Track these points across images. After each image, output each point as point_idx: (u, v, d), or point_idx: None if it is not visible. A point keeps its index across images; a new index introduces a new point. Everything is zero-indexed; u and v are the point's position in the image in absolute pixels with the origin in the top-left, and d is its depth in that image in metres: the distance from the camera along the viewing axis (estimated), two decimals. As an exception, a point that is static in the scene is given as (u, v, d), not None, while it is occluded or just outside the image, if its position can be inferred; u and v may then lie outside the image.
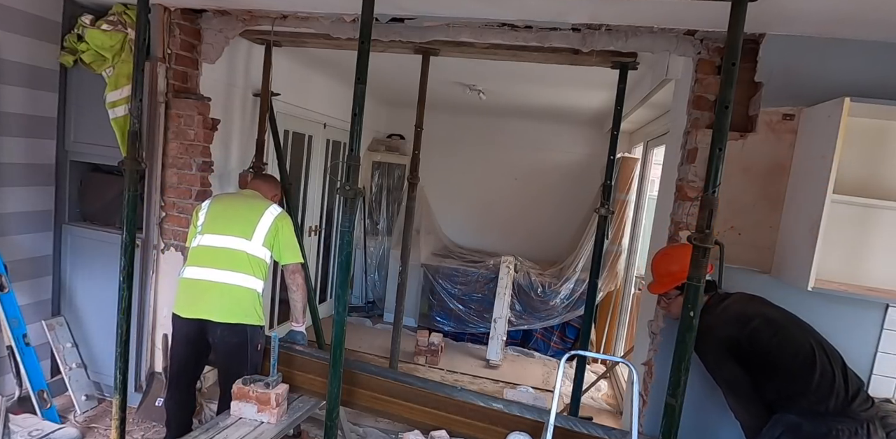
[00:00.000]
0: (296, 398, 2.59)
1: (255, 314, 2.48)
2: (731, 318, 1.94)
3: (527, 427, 2.34)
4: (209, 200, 2.60)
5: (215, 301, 2.43)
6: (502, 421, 2.41)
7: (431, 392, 2.50)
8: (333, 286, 5.48)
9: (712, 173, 1.62)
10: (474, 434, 2.45)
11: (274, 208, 2.56)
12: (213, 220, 2.49)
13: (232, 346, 2.46)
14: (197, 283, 2.45)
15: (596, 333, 4.90)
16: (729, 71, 1.61)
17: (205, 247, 2.47)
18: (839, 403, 1.77)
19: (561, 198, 5.84)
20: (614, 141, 3.23)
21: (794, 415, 1.80)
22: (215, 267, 2.44)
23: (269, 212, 2.52)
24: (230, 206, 2.56)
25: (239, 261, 2.44)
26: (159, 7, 2.79)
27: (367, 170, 6.00)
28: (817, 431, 1.76)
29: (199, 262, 2.47)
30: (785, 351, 1.85)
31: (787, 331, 1.89)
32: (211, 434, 2.23)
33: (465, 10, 2.43)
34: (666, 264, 2.15)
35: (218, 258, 2.45)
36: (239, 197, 2.68)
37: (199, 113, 2.99)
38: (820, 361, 1.82)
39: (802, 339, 1.88)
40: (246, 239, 2.45)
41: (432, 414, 2.51)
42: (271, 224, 2.50)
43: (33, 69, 2.87)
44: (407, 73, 3.62)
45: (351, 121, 1.99)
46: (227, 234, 2.47)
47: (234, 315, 2.43)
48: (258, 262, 2.48)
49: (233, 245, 2.45)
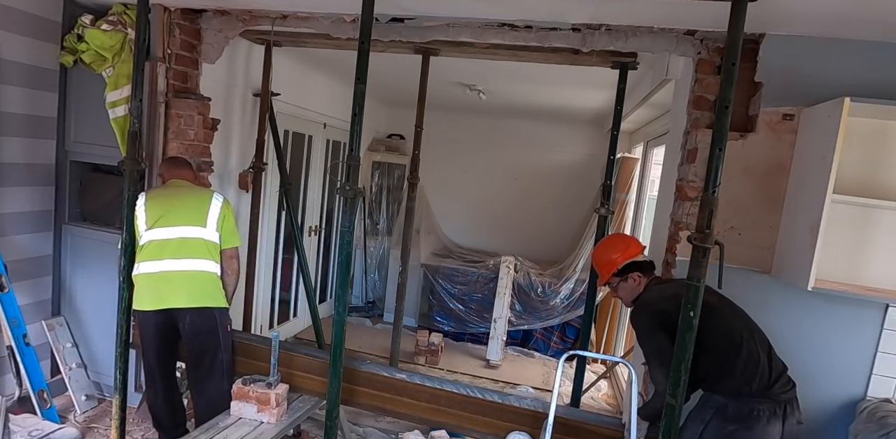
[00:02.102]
0: (296, 398, 2.59)
1: (220, 297, 2.54)
2: (668, 296, 1.98)
3: (527, 418, 2.34)
4: (143, 199, 2.54)
5: (182, 288, 2.46)
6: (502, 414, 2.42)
7: (431, 387, 2.50)
8: (333, 286, 5.48)
9: (712, 173, 1.62)
10: (475, 427, 2.45)
11: (217, 195, 2.63)
12: (159, 215, 2.50)
13: (204, 330, 2.50)
14: (160, 276, 2.46)
15: (596, 333, 4.90)
16: (729, 71, 1.61)
17: (159, 240, 2.48)
18: (762, 385, 1.84)
19: (561, 198, 5.84)
20: (614, 141, 3.23)
21: (721, 396, 1.88)
22: (175, 257, 2.46)
23: (216, 199, 2.59)
24: (173, 199, 2.58)
25: (197, 247, 2.50)
26: (159, 7, 2.79)
27: (367, 170, 6.00)
28: (741, 411, 1.83)
29: (156, 256, 2.47)
30: (715, 332, 1.88)
31: (718, 314, 1.93)
32: (211, 434, 2.23)
33: (465, 10, 2.43)
34: (607, 254, 2.19)
35: (176, 248, 2.48)
36: (175, 189, 2.66)
37: (199, 113, 2.99)
38: (746, 344, 1.87)
39: (732, 323, 1.93)
40: (201, 226, 2.52)
41: (433, 409, 2.51)
42: (220, 210, 2.57)
43: (33, 69, 2.87)
44: (407, 73, 3.62)
45: (351, 121, 1.99)
46: (181, 225, 2.50)
47: (202, 299, 2.48)
48: (214, 247, 2.55)
49: (189, 234, 2.50)
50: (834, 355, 2.22)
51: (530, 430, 2.19)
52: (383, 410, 2.61)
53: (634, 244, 2.21)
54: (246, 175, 3.50)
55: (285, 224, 4.32)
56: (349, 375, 2.50)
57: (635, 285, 2.13)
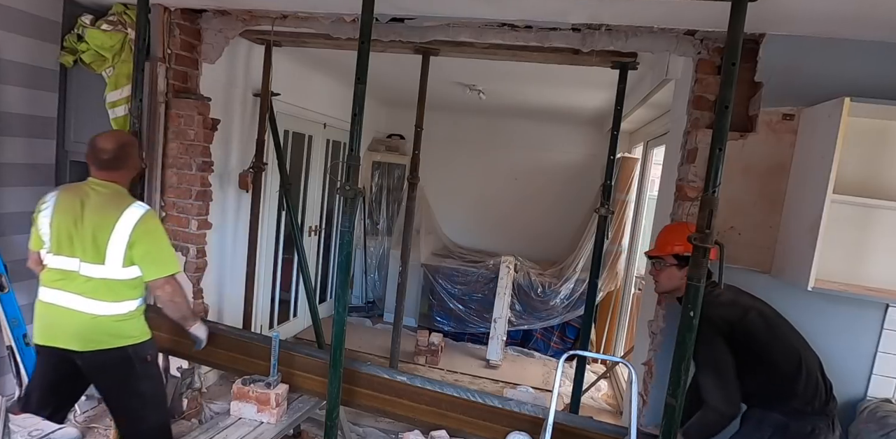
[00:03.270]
0: (296, 398, 2.59)
1: (131, 333, 2.09)
2: (726, 302, 1.94)
3: (526, 423, 2.34)
4: (53, 196, 2.07)
5: (72, 330, 2.02)
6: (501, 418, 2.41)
7: (432, 390, 2.50)
8: (333, 286, 5.48)
9: (712, 173, 1.62)
10: (474, 431, 2.45)
11: (131, 213, 2.00)
12: (57, 235, 2.01)
13: (109, 371, 2.08)
14: (49, 308, 2.05)
15: (596, 333, 4.90)
16: (729, 71, 1.61)
17: (54, 269, 2.04)
18: (821, 403, 1.85)
19: (561, 198, 5.84)
20: (614, 141, 3.23)
21: (780, 414, 1.85)
22: (74, 292, 2.01)
23: (124, 223, 1.98)
24: (76, 215, 2.00)
25: (95, 288, 2.01)
26: (159, 7, 2.79)
27: (367, 170, 6.00)
28: (802, 430, 1.83)
29: (50, 283, 2.05)
30: (775, 347, 1.87)
31: (779, 329, 1.92)
32: (211, 434, 2.23)
33: (465, 10, 2.43)
34: (673, 237, 2.09)
35: (70, 282, 2.02)
36: (87, 197, 2.03)
37: (199, 113, 2.99)
38: (805, 364, 1.86)
39: (792, 339, 1.92)
40: (98, 264, 1.99)
41: (434, 412, 2.51)
42: (129, 238, 1.98)
43: (33, 69, 2.87)
44: (407, 73, 3.62)
45: (351, 121, 1.99)
46: (75, 257, 2.01)
47: (102, 341, 2.03)
48: (124, 284, 2.04)
49: (85, 271, 2.00)
50: (834, 355, 2.21)
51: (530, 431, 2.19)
52: (383, 412, 2.60)
53: None
54: (246, 175, 3.50)
55: (285, 224, 4.32)
56: (349, 376, 2.50)
57: (679, 277, 2.02)
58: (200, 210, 3.10)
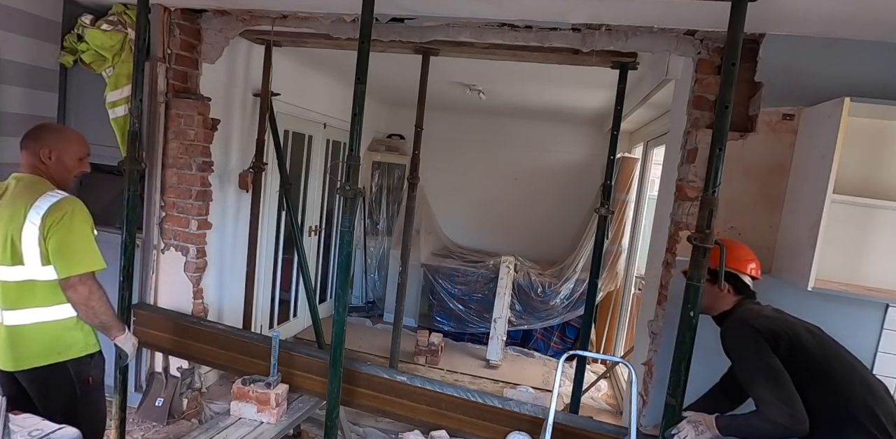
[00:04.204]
0: (296, 398, 2.59)
1: (72, 346, 1.87)
2: (770, 313, 1.84)
3: (526, 423, 2.34)
4: None
5: (4, 348, 1.81)
6: (501, 418, 2.42)
7: (432, 390, 2.50)
8: (333, 286, 5.48)
9: (712, 173, 1.62)
10: (474, 431, 2.46)
11: (41, 202, 1.77)
12: None
13: (50, 394, 1.86)
14: None
15: (596, 333, 4.91)
16: (729, 71, 1.61)
17: None
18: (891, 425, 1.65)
19: (561, 198, 5.84)
20: (614, 141, 3.23)
21: None
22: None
23: (31, 221, 1.74)
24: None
25: (20, 294, 1.79)
26: (159, 7, 2.79)
27: (367, 170, 6.00)
28: None
29: None
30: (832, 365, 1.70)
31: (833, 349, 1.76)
32: (211, 434, 2.23)
33: (465, 10, 2.43)
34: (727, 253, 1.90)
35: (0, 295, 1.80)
36: (4, 192, 1.85)
37: (199, 113, 2.99)
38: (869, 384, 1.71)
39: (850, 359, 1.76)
40: (18, 265, 1.77)
41: (433, 412, 2.51)
42: (38, 233, 1.74)
43: (33, 69, 2.87)
44: (407, 73, 3.62)
45: (351, 121, 1.99)
46: None
47: (36, 358, 1.82)
48: (48, 286, 1.81)
49: (7, 276, 1.79)
50: (834, 355, 2.22)
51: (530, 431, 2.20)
52: (383, 412, 2.61)
53: (749, 263, 1.96)
54: (246, 175, 3.50)
55: (285, 224, 4.32)
56: (349, 376, 2.50)
57: (720, 294, 1.90)
58: (200, 210, 3.10)
